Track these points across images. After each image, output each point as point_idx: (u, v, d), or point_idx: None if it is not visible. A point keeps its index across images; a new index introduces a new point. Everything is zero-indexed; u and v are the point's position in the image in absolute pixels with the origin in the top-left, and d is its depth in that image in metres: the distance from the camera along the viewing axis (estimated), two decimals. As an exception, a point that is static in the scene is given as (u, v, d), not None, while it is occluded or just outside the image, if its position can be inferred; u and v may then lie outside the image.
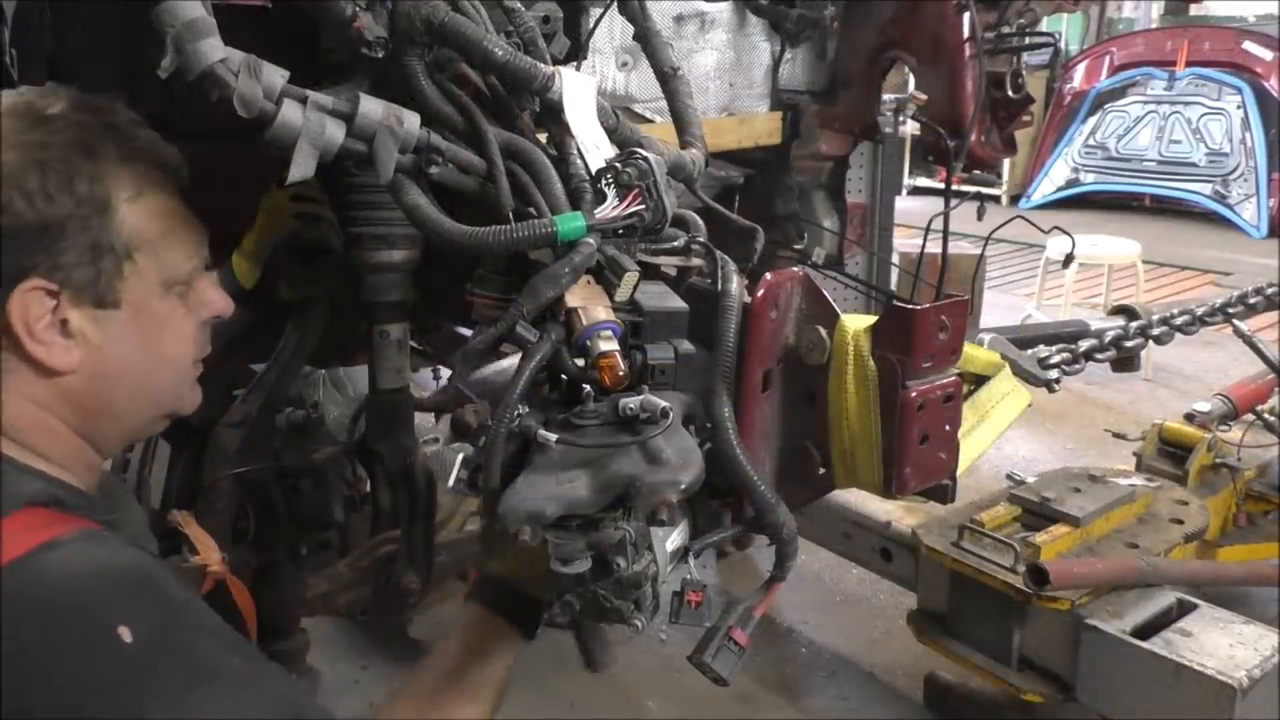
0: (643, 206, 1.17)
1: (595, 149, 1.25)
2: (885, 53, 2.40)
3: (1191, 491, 2.70)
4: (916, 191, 9.49)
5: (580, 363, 1.11)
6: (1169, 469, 2.84)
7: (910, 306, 1.27)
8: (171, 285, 1.09)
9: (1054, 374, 2.44)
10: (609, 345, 1.10)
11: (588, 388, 1.10)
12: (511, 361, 1.42)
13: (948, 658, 2.38)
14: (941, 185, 4.83)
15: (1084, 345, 2.59)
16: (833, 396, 1.30)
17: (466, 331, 2.04)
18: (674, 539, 1.13)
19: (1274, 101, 8.46)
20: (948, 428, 1.32)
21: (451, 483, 1.14)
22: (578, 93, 1.25)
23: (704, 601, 1.15)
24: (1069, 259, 4.27)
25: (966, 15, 2.23)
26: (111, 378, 1.06)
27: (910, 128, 2.92)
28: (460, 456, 1.15)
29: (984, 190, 8.50)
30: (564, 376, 1.13)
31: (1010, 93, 2.40)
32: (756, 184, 2.57)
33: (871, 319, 1.29)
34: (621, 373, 1.09)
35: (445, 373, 2.20)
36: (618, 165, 1.18)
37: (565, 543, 1.01)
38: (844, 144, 2.56)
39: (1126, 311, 2.78)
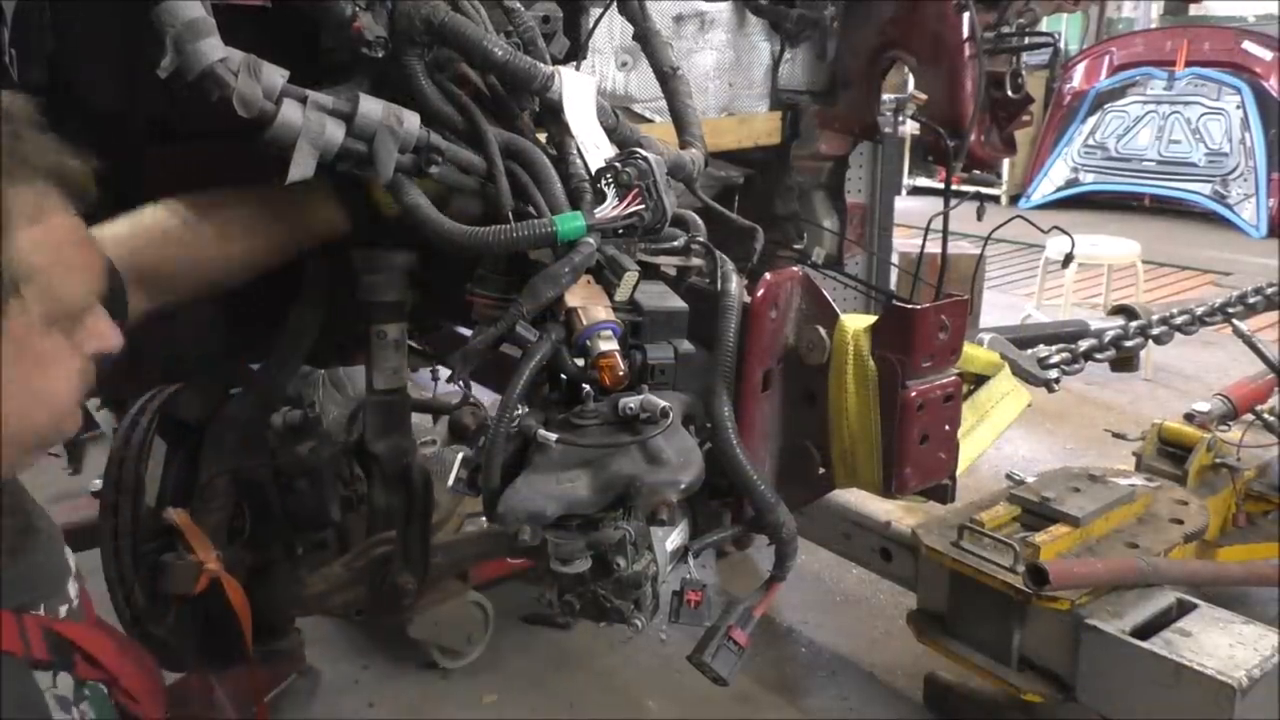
0: (642, 206, 1.17)
1: (595, 149, 1.25)
2: (885, 53, 2.40)
3: (1191, 491, 2.69)
4: (916, 191, 9.48)
5: (580, 363, 1.11)
6: (1169, 469, 2.84)
7: (910, 306, 1.27)
8: (55, 320, 0.94)
9: (1054, 374, 2.44)
10: (609, 345, 1.10)
11: (588, 388, 1.10)
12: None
13: (948, 658, 2.37)
14: (941, 185, 4.82)
15: (1084, 345, 2.59)
16: (833, 396, 1.30)
17: (466, 331, 2.04)
18: (674, 539, 1.13)
19: (1273, 101, 8.45)
20: (948, 428, 1.32)
21: (451, 482, 1.14)
22: (577, 93, 1.25)
23: (704, 601, 1.15)
24: (1069, 259, 4.26)
25: (966, 15, 2.23)
26: None
27: (910, 128, 2.93)
28: (460, 456, 1.15)
29: (984, 190, 8.50)
30: (564, 376, 1.13)
31: (1010, 93, 2.40)
32: (756, 184, 2.56)
33: (871, 319, 1.29)
34: (621, 373, 1.09)
35: (445, 373, 2.19)
36: (617, 165, 1.18)
37: (565, 543, 1.01)
38: (844, 144, 2.56)
39: (1126, 311, 2.78)
